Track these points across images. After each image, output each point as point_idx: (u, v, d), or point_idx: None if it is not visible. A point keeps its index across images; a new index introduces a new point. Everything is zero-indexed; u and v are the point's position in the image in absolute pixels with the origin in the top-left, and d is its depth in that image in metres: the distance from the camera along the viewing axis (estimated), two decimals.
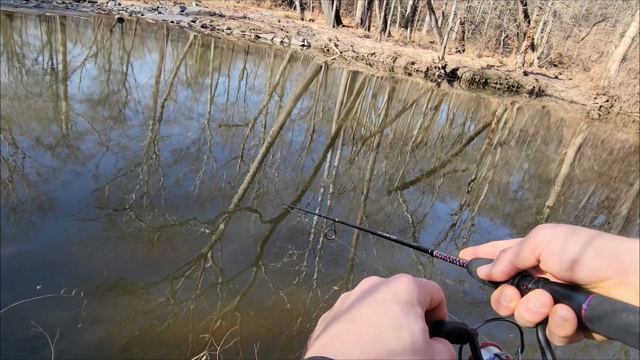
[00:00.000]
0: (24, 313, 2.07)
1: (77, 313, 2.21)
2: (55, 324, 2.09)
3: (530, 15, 18.29)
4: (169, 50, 10.97)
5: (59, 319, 2.15)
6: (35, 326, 1.99)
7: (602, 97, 16.43)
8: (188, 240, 3.06)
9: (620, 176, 7.98)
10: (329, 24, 21.01)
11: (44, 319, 2.08)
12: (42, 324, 2.01)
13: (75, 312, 2.21)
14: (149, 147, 4.59)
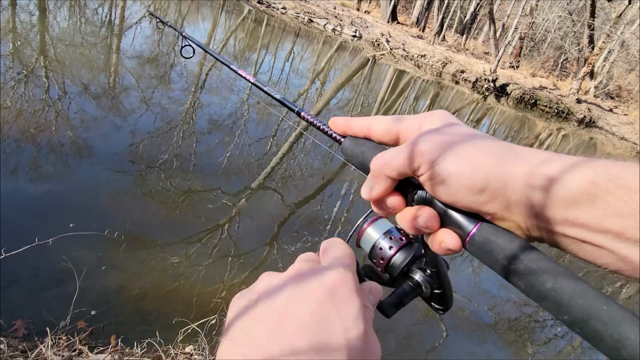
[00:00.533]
0: (58, 246, 2.18)
1: (102, 255, 2.32)
2: (84, 262, 2.19)
3: (595, 42, 17.36)
4: (222, 21, 11.12)
5: (87, 258, 2.26)
6: (66, 261, 2.09)
7: None
8: (209, 209, 3.14)
9: None
10: (384, 18, 20.68)
11: (74, 256, 2.19)
12: (72, 259, 2.11)
13: (102, 254, 2.32)
14: (187, 112, 4.70)
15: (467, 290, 3.46)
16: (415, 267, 0.40)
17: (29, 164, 2.91)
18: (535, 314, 3.48)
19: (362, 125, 0.42)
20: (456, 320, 3.01)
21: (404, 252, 0.40)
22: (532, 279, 0.29)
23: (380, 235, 0.41)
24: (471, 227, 0.33)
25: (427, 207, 0.35)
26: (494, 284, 3.72)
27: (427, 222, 0.34)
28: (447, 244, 0.34)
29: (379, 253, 0.41)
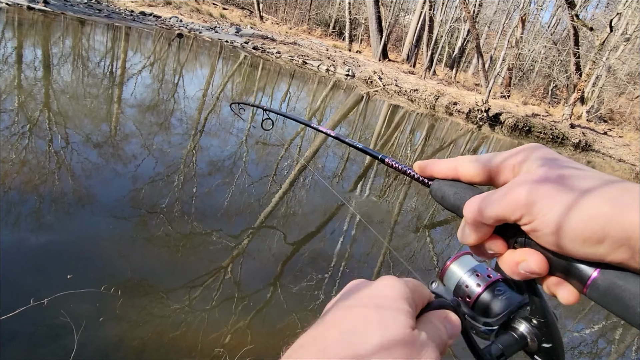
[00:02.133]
0: (55, 301, 2.14)
1: (100, 307, 2.27)
2: (82, 315, 2.15)
3: (582, 68, 17.89)
4: (219, 67, 11.51)
5: (85, 311, 2.21)
6: (64, 315, 2.05)
7: None
8: (211, 251, 3.11)
9: None
10: (375, 56, 21.42)
11: (72, 309, 2.15)
12: (70, 313, 2.07)
13: (99, 305, 2.27)
14: (187, 155, 4.76)
15: None
16: (517, 316, 0.37)
17: (28, 215, 2.91)
18: None
19: (449, 167, 0.41)
20: None
21: (492, 291, 0.37)
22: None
23: (465, 272, 0.39)
24: (591, 272, 0.29)
25: (533, 250, 0.32)
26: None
27: (534, 269, 0.31)
28: (562, 293, 0.31)
29: (464, 291, 0.38)
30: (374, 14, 21.34)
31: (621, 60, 20.42)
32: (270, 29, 22.33)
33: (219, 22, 19.89)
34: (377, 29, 21.12)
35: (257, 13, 24.34)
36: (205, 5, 22.62)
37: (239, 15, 23.28)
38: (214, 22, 19.59)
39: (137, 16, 15.67)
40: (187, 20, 17.98)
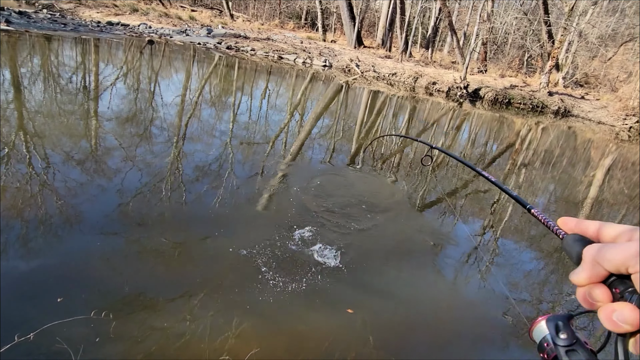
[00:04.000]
0: (50, 328, 2.11)
1: (97, 328, 2.24)
2: (79, 338, 2.12)
3: (554, 36, 18.10)
4: (195, 71, 11.34)
5: (82, 334, 2.18)
6: (60, 342, 2.02)
7: (632, 118, 15.93)
8: (207, 258, 3.09)
9: None
10: (350, 44, 21.34)
11: (67, 333, 2.12)
12: (66, 338, 2.04)
13: (96, 326, 2.24)
14: (172, 163, 4.70)
15: (479, 297, 3.42)
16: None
17: (15, 241, 2.85)
18: (551, 309, 3.43)
19: (592, 227, 0.44)
20: (474, 330, 2.95)
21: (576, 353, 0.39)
22: None
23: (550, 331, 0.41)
24: None
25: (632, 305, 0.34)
26: (504, 286, 3.68)
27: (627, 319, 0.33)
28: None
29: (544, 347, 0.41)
30: (345, 1, 21.21)
31: (591, 24, 20.70)
32: (242, 26, 22.05)
33: (189, 25, 19.55)
34: (349, 16, 21.02)
35: (227, 12, 23.99)
36: (173, 9, 22.21)
37: (209, 16, 22.91)
38: (184, 25, 19.26)
39: (105, 27, 15.30)
40: (157, 26, 17.63)
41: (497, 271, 3.92)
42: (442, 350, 2.65)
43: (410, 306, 3.00)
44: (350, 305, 2.85)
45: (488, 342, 2.87)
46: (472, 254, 4.08)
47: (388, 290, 3.12)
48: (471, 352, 2.70)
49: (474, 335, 2.90)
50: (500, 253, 4.30)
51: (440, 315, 3.01)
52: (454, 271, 3.71)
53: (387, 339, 2.64)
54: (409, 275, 3.44)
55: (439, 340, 2.74)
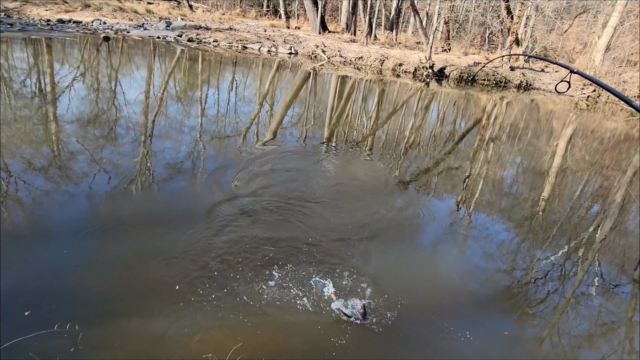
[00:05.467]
0: (20, 342, 2.04)
1: (72, 339, 2.18)
2: (55, 351, 2.06)
3: (512, 11, 18.52)
4: (157, 66, 10.97)
5: (54, 347, 2.12)
6: (33, 357, 1.96)
7: (589, 88, 16.62)
8: (184, 258, 3.04)
9: (612, 164, 8.05)
10: (315, 30, 21.13)
11: (41, 348, 2.05)
12: (40, 354, 1.98)
13: (70, 337, 2.18)
14: (141, 163, 4.57)
15: (458, 270, 3.53)
16: None
17: None
18: (525, 277, 3.59)
19: None
20: (453, 303, 3.05)
21: None
22: None
23: None
24: None
25: None
26: (481, 259, 3.81)
27: None
28: None
29: None
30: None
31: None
32: (202, 17, 21.41)
33: (147, 19, 18.83)
34: (312, 2, 20.76)
35: (185, 3, 23.21)
36: (128, 3, 21.28)
37: (167, 8, 22.11)
38: (140, 19, 18.52)
39: (55, 25, 14.51)
40: (112, 22, 16.88)
41: (473, 244, 4.05)
42: (423, 325, 2.73)
43: (389, 283, 3.07)
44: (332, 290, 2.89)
45: (467, 314, 2.97)
46: (448, 229, 4.19)
47: (367, 270, 3.18)
48: (450, 323, 2.79)
49: (453, 308, 3.00)
50: (475, 226, 4.44)
51: (421, 291, 3.09)
52: (433, 246, 3.80)
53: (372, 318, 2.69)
54: (387, 253, 3.51)
55: (420, 317, 2.82)
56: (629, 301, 3.50)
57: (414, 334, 2.64)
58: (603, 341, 2.92)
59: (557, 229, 4.63)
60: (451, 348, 2.56)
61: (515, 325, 2.92)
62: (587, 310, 3.24)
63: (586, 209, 5.55)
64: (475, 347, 2.61)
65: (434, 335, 2.65)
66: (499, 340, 2.74)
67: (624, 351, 2.86)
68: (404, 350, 2.50)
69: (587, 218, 5.21)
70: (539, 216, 4.97)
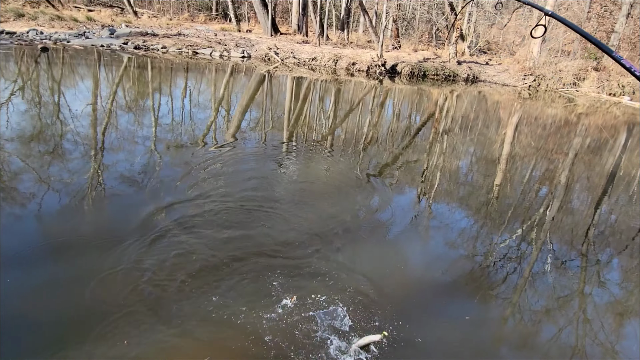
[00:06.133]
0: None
1: None
2: None
3: (455, 8, 19.34)
4: (103, 76, 10.48)
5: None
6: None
7: (529, 78, 17.68)
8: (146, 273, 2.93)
9: (556, 148, 8.61)
10: (266, 33, 21.02)
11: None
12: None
13: None
14: (93, 178, 4.35)
15: (421, 260, 3.64)
16: None
17: None
18: (485, 261, 3.76)
19: None
20: (417, 293, 3.14)
21: None
22: None
23: None
24: None
25: None
26: (443, 247, 3.95)
27: None
28: None
29: None
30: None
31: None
32: (148, 23, 20.69)
33: (88, 27, 17.92)
34: (262, 4, 20.63)
35: (129, 9, 22.32)
36: (66, 11, 20.16)
37: (109, 15, 21.17)
38: (81, 27, 17.61)
39: None
40: (49, 31, 15.93)
41: (435, 233, 4.19)
42: (387, 317, 2.80)
43: (352, 278, 3.12)
44: (294, 292, 2.89)
45: (430, 303, 3.08)
46: (410, 221, 4.31)
47: (331, 271, 3.21)
48: (413, 313, 2.88)
49: (417, 298, 3.09)
50: (435, 216, 4.60)
51: (385, 283, 3.16)
52: (396, 239, 3.90)
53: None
54: (349, 248, 3.56)
55: (385, 309, 2.88)
56: (579, 274, 3.76)
57: (378, 326, 2.70)
58: (560, 314, 3.12)
59: (511, 213, 4.89)
60: (413, 338, 2.63)
61: (477, 309, 3.06)
62: (544, 286, 3.45)
63: (535, 191, 5.90)
64: (437, 334, 2.70)
65: (398, 327, 2.71)
66: (461, 325, 2.86)
67: (578, 321, 3.07)
68: None
69: (537, 200, 5.54)
70: (494, 202, 5.23)
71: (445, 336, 2.69)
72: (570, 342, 2.83)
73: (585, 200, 5.76)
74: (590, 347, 2.81)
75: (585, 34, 1.65)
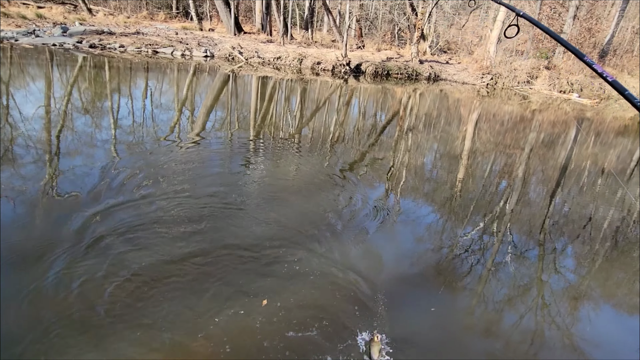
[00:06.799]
0: None
1: None
2: None
3: (416, 8, 19.82)
4: (56, 76, 9.95)
5: None
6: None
7: (487, 76, 18.41)
8: (113, 286, 2.82)
9: (513, 143, 9.02)
10: (229, 32, 20.69)
11: None
12: None
13: None
14: (47, 185, 4.13)
15: (389, 256, 3.71)
16: None
17: None
18: (450, 254, 3.89)
19: None
20: (385, 288, 3.21)
21: None
22: None
23: None
24: None
25: None
26: (410, 242, 4.05)
27: None
28: None
29: None
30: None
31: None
32: (104, 21, 19.84)
33: (38, 25, 16.94)
34: (224, 2, 20.28)
35: (83, 6, 21.29)
36: (14, 7, 18.96)
37: (61, 12, 20.11)
38: (30, 25, 16.62)
39: None
40: None
41: (402, 228, 4.29)
42: (356, 315, 2.84)
43: (320, 275, 3.14)
44: (265, 296, 2.88)
45: (397, 297, 3.15)
46: (378, 217, 4.38)
47: (302, 273, 3.22)
48: (382, 309, 2.94)
49: (385, 293, 3.16)
50: (403, 212, 4.71)
51: (355, 279, 3.21)
52: (364, 235, 3.95)
53: (311, 315, 2.74)
54: (318, 245, 3.58)
55: (353, 305, 2.93)
56: (537, 263, 3.96)
57: (346, 323, 2.73)
58: (520, 302, 3.28)
59: (474, 207, 5.08)
60: (381, 332, 2.69)
61: (443, 300, 3.16)
62: (505, 276, 3.61)
63: (496, 185, 6.15)
64: (404, 327, 2.78)
65: (366, 322, 2.76)
66: (427, 316, 2.95)
67: (537, 308, 3.24)
68: (338, 339, 2.58)
69: (498, 193, 5.79)
70: (458, 196, 5.42)
71: (411, 328, 2.76)
72: (531, 327, 2.99)
73: (541, 193, 6.08)
74: (549, 331, 2.97)
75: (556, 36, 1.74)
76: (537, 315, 3.15)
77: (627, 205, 5.93)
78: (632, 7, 23.91)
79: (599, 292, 3.62)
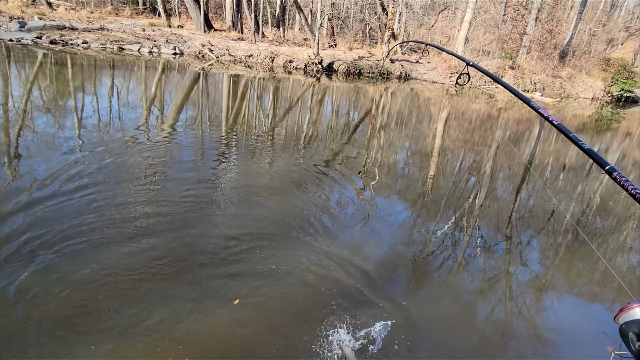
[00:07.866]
0: None
1: None
2: None
3: (387, 8, 20.08)
4: (14, 73, 9.46)
5: None
6: None
7: (455, 75, 18.88)
8: (86, 291, 2.72)
9: (481, 140, 9.31)
10: (199, 29, 20.29)
11: None
12: None
13: None
14: (7, 188, 3.92)
15: (362, 253, 3.75)
16: None
17: None
18: (423, 249, 3.98)
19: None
20: (359, 284, 3.24)
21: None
22: None
23: None
24: None
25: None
26: (385, 238, 4.11)
27: None
28: None
29: None
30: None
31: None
32: (65, 16, 19.01)
33: None
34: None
35: (42, 0, 20.31)
36: None
37: (19, 6, 19.11)
38: None
39: None
40: None
41: (377, 225, 4.34)
42: (328, 311, 2.87)
43: (295, 274, 3.15)
44: (237, 296, 2.85)
45: (371, 294, 3.19)
46: (352, 215, 4.42)
47: (273, 271, 3.21)
48: (354, 305, 2.98)
49: (359, 290, 3.19)
50: (377, 209, 4.76)
51: (329, 276, 3.23)
52: (339, 234, 3.98)
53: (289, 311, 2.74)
54: (292, 244, 3.58)
55: (325, 302, 2.95)
56: (505, 255, 4.11)
57: (319, 315, 2.75)
58: (491, 293, 3.39)
59: (444, 203, 5.21)
60: (355, 327, 2.72)
61: (414, 295, 3.23)
62: (476, 269, 3.73)
63: (465, 181, 6.33)
64: (376, 322, 2.82)
65: (339, 318, 2.79)
66: (399, 311, 3.00)
67: (506, 298, 3.36)
68: (313, 334, 2.59)
69: (467, 189, 5.95)
70: (429, 193, 5.54)
71: (384, 322, 2.80)
72: (500, 319, 3.10)
73: (508, 188, 6.30)
74: (517, 322, 3.09)
75: (503, 83, 1.82)
76: (505, 306, 3.27)
77: (587, 199, 6.24)
78: (589, 9, 25.14)
79: (562, 282, 3.79)
